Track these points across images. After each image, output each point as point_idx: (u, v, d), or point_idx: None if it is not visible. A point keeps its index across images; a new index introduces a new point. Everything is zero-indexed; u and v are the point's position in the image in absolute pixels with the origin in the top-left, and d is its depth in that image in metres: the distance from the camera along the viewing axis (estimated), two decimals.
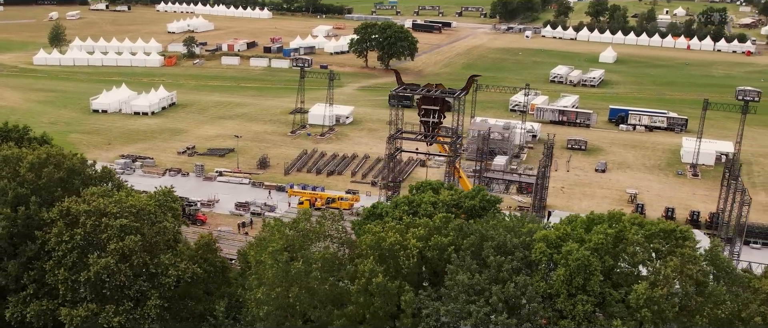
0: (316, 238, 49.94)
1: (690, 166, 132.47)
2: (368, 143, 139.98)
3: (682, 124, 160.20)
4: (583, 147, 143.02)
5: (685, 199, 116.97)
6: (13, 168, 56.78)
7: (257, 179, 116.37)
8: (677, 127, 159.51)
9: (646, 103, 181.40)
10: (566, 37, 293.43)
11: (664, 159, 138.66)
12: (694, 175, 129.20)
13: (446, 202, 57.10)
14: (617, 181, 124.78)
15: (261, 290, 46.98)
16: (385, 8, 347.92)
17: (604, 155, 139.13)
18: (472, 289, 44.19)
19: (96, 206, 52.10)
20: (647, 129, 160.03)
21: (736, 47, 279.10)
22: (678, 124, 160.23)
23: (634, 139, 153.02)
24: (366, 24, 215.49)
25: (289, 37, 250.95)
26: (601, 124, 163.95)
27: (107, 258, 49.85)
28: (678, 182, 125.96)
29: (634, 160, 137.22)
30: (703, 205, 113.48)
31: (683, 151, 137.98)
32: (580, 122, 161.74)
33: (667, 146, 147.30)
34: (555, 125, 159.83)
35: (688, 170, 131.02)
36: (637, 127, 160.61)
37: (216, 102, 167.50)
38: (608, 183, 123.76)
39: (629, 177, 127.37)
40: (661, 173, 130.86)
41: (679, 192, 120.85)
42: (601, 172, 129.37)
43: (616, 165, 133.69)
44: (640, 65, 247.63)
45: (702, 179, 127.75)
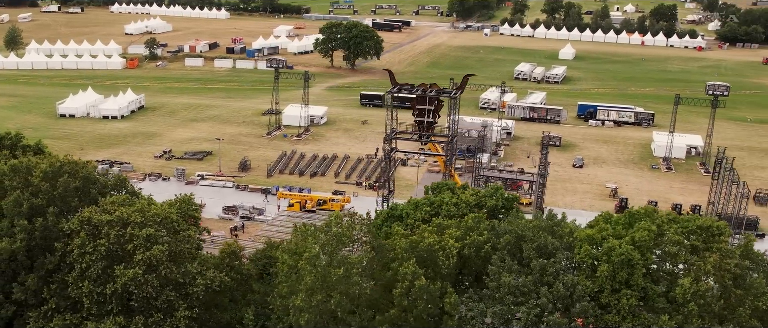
0: (350, 242, 49.29)
1: (663, 159, 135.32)
2: (346, 143, 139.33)
3: (649, 119, 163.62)
4: (558, 143, 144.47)
5: (663, 192, 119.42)
6: (23, 178, 54.64)
7: (241, 182, 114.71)
8: (644, 122, 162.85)
9: (609, 99, 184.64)
10: (524, 34, 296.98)
11: (637, 153, 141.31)
12: (668, 168, 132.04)
13: (469, 202, 57.10)
14: (595, 176, 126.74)
15: (300, 296, 46.15)
16: (342, 7, 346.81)
17: (578, 151, 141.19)
18: (519, 290, 44.27)
19: (119, 215, 50.48)
20: (616, 124, 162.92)
21: (687, 43, 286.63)
22: (645, 119, 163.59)
23: (605, 134, 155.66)
24: (331, 24, 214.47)
25: (249, 37, 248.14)
26: (571, 120, 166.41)
27: (135, 269, 48.33)
28: (653, 175, 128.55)
29: (609, 155, 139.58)
30: (681, 197, 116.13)
31: (655, 145, 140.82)
32: (551, 119, 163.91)
33: (637, 141, 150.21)
34: (526, 122, 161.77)
35: (661, 163, 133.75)
36: (606, 123, 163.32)
37: (185, 104, 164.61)
38: (587, 178, 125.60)
39: (606, 172, 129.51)
40: (636, 167, 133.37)
41: (656, 185, 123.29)
42: (579, 167, 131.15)
43: (592, 160, 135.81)
44: (598, 61, 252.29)
45: (676, 171, 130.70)
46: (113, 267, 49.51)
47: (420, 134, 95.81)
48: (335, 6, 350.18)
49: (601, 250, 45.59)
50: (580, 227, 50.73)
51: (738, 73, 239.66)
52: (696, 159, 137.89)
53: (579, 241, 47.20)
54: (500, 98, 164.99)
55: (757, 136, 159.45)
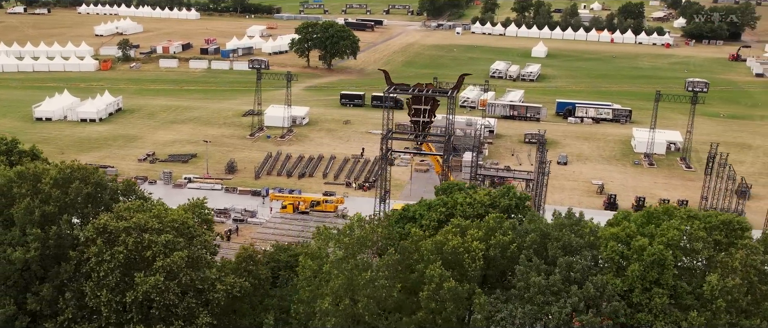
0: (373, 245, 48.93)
1: (644, 155, 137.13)
2: (330, 144, 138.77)
3: (627, 116, 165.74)
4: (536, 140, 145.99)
5: (648, 188, 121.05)
6: (32, 185, 53.17)
7: (229, 184, 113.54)
8: (622, 119, 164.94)
9: (584, 96, 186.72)
10: (495, 33, 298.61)
11: (618, 150, 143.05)
12: (650, 164, 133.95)
13: (483, 202, 57.14)
14: (580, 173, 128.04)
15: (326, 301, 45.67)
16: (312, 7, 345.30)
17: (561, 148, 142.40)
18: (549, 289, 44.40)
19: (136, 221, 49.43)
20: (594, 121, 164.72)
21: (655, 40, 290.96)
22: (623, 115, 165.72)
23: (585, 131, 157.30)
24: (307, 23, 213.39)
25: (222, 37, 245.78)
26: (550, 117, 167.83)
27: (156, 276, 47.35)
28: (637, 171, 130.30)
29: (591, 152, 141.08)
30: (665, 192, 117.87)
31: (635, 141, 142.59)
32: (531, 116, 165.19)
33: (617, 137, 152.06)
34: (506, 120, 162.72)
35: (643, 159, 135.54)
36: (585, 120, 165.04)
37: (163, 106, 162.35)
38: (573, 175, 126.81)
39: (590, 169, 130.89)
40: (619, 163, 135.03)
41: (640, 181, 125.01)
42: (563, 164, 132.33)
43: (575, 157, 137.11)
44: (570, 59, 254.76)
45: (658, 167, 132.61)
46: (131, 275, 48.48)
47: (416, 134, 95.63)
48: (306, 6, 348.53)
49: (630, 249, 45.93)
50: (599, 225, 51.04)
51: (707, 70, 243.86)
52: (676, 155, 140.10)
53: (604, 239, 47.55)
54: (479, 97, 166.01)
55: (731, 131, 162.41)
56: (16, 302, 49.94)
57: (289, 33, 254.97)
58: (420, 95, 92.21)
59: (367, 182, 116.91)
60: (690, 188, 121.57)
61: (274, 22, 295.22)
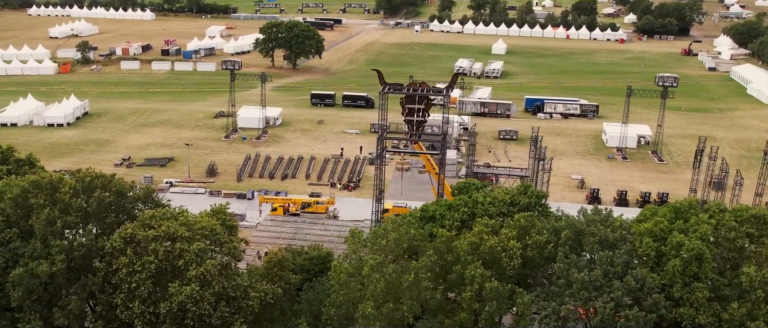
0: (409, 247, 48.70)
1: (617, 149, 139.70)
2: (307, 144, 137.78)
3: (594, 110, 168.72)
4: (515, 137, 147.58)
5: (626, 181, 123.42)
6: (48, 194, 51.32)
7: (212, 188, 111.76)
8: (590, 114, 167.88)
9: (549, 92, 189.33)
10: (453, 30, 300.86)
11: (590, 144, 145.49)
12: (624, 158, 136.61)
13: (504, 201, 57.43)
14: (558, 168, 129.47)
15: (368, 305, 45.27)
16: (268, 6, 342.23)
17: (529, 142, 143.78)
18: (591, 285, 44.89)
19: (165, 230, 48.14)
20: (563, 116, 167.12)
21: (609, 35, 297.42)
22: (590, 110, 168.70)
23: (555, 126, 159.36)
24: (271, 23, 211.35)
25: (181, 38, 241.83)
26: (519, 114, 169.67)
27: (191, 285, 46.20)
28: (612, 165, 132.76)
29: (565, 148, 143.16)
30: (643, 186, 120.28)
31: (607, 136, 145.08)
32: (501, 113, 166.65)
33: (587, 132, 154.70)
34: (477, 117, 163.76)
35: (616, 153, 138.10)
36: (554, 116, 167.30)
37: (131, 109, 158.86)
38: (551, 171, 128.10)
39: (567, 164, 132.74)
40: (593, 157, 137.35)
41: (617, 175, 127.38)
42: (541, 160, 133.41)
43: (551, 153, 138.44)
44: (530, 56, 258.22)
45: (631, 161, 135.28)
46: (163, 285, 47.23)
47: (410, 133, 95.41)
48: (261, 5, 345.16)
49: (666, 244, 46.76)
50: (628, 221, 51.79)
51: (661, 64, 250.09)
52: (646, 148, 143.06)
53: (638, 235, 48.30)
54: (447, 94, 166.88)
55: (694, 124, 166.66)
56: (41, 316, 48.16)
57: (248, 33, 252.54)
58: (414, 95, 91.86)
59: (351, 182, 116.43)
60: (665, 181, 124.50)
61: (232, 22, 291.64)
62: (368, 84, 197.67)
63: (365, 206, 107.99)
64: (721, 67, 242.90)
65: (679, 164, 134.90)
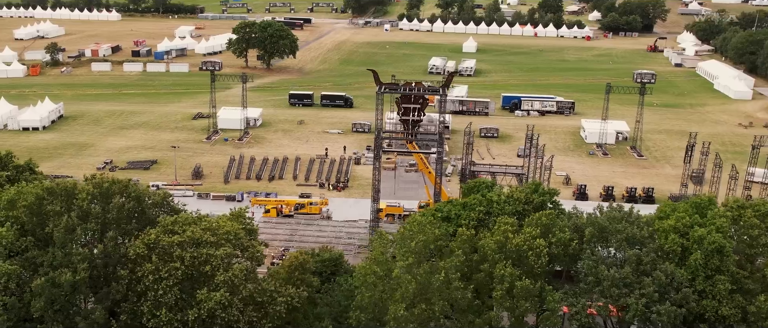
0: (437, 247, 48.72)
1: (597, 145, 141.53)
2: (290, 145, 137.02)
3: (570, 107, 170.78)
4: (495, 134, 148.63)
5: (609, 177, 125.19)
6: (64, 201, 50.10)
7: (201, 190, 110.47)
8: (566, 111, 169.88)
9: (521, 89, 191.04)
10: (423, 29, 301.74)
11: (570, 141, 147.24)
12: (605, 154, 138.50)
13: (520, 199, 57.82)
14: None
15: (399, 306, 45.17)
16: (235, 6, 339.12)
17: (515, 141, 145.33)
18: (622, 281, 45.47)
19: (190, 235, 47.35)
20: (540, 114, 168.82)
21: (576, 33, 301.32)
22: (566, 107, 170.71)
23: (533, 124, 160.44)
24: (244, 23, 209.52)
25: (150, 39, 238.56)
26: (497, 111, 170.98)
27: (220, 291, 45.50)
28: (593, 161, 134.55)
29: (545, 144, 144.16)
30: (627, 181, 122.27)
31: (586, 132, 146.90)
32: (479, 111, 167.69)
33: (565, 129, 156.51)
34: (455, 114, 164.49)
35: (596, 149, 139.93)
36: (531, 113, 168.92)
37: (107, 112, 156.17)
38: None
39: None
40: (574, 154, 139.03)
41: (599, 171, 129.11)
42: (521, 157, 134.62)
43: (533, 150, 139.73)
44: (501, 53, 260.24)
45: (612, 156, 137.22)
46: (189, 292, 46.46)
47: (406, 132, 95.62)
48: (228, 5, 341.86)
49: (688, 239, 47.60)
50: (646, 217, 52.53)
51: (629, 61, 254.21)
52: (625, 144, 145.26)
53: (662, 231, 49.08)
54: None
55: (667, 119, 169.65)
56: (64, 327, 46.94)
57: (217, 33, 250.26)
58: (409, 94, 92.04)
59: (340, 183, 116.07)
60: (647, 176, 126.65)
61: (200, 22, 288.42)
62: (344, 83, 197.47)
63: (355, 206, 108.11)
64: (686, 63, 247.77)
65: (658, 159, 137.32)
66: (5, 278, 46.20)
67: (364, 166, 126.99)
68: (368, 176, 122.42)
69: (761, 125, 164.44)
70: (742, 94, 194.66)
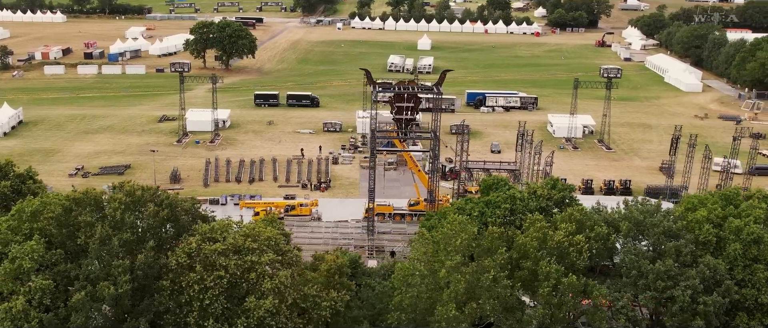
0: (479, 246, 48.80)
1: (566, 140, 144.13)
2: (263, 146, 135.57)
3: (533, 103, 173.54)
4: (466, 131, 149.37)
5: (584, 170, 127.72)
6: (93, 211, 48.34)
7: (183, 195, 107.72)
8: (530, 106, 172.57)
9: (481, 86, 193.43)
10: (375, 27, 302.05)
11: (538, 136, 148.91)
12: (574, 148, 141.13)
13: (544, 196, 58.46)
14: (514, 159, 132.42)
15: (450, 307, 45.14)
16: (183, 6, 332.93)
17: (485, 137, 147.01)
18: (666, 275, 46.42)
19: (233, 242, 46.27)
20: (505, 109, 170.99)
21: (525, 29, 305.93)
22: (529, 102, 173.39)
23: (500, 119, 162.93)
24: (201, 23, 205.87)
25: (100, 40, 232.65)
26: (462, 108, 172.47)
27: (269, 299, 44.60)
28: (565, 155, 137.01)
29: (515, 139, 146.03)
30: (602, 173, 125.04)
31: (555, 127, 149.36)
32: (445, 107, 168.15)
33: (531, 124, 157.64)
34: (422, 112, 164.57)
35: (566, 143, 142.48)
36: (496, 109, 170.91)
37: (68, 116, 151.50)
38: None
39: None
40: (545, 148, 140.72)
41: (573, 164, 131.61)
42: (498, 153, 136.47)
43: (504, 145, 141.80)
44: (455, 50, 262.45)
45: (582, 150, 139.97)
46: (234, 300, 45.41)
47: (399, 131, 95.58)
48: (175, 5, 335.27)
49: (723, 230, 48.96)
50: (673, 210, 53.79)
51: (580, 56, 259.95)
52: (591, 137, 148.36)
53: (696, 222, 50.36)
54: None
55: (627, 113, 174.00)
56: None
57: (167, 33, 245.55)
58: (403, 93, 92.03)
59: (322, 183, 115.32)
60: (619, 168, 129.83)
61: (149, 22, 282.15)
62: (305, 83, 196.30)
63: (342, 205, 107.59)
64: (635, 58, 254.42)
65: (626, 152, 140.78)
66: (39, 294, 44.39)
67: (342, 165, 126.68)
68: (348, 175, 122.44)
69: (716, 117, 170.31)
70: (693, 87, 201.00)
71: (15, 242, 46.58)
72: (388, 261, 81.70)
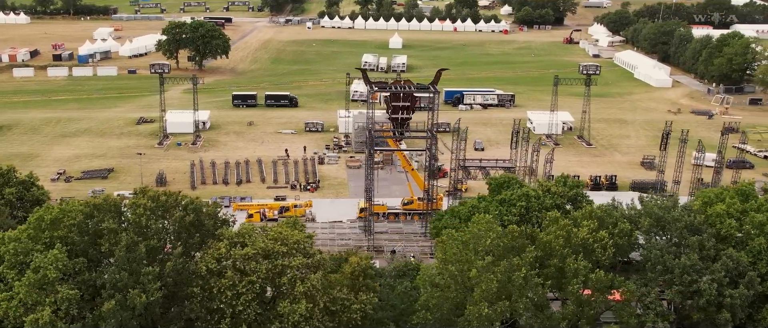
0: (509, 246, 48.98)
1: (547, 136, 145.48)
2: (246, 147, 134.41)
3: (511, 100, 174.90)
4: (447, 129, 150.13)
5: (567, 166, 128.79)
6: (114, 217, 47.31)
7: None
8: (507, 103, 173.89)
9: (456, 84, 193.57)
10: (344, 26, 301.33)
11: None
12: (556, 144, 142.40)
13: (560, 194, 58.97)
14: (500, 156, 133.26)
15: (483, 305, 45.30)
16: (149, 6, 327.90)
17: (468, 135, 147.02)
18: (692, 268, 47.24)
19: (263, 247, 45.70)
20: (483, 107, 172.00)
21: (494, 27, 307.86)
22: (507, 100, 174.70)
23: (479, 117, 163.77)
24: (174, 24, 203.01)
25: (68, 42, 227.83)
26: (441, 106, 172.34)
27: (303, 303, 44.18)
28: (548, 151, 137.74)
29: (496, 137, 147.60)
30: (586, 169, 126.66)
31: (535, 123, 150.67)
32: (423, 106, 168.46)
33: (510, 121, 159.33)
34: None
35: (547, 140, 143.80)
36: (474, 106, 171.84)
37: (43, 119, 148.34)
38: None
39: (505, 152, 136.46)
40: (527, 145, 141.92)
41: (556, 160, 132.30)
42: (481, 150, 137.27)
43: (487, 142, 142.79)
44: (426, 49, 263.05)
45: (563, 146, 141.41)
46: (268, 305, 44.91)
47: (395, 131, 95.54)
48: (141, 5, 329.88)
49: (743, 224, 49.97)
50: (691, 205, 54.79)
51: (549, 53, 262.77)
52: (571, 134, 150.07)
53: (716, 216, 51.31)
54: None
55: (602, 109, 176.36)
56: None
57: (134, 34, 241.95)
58: (398, 93, 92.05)
59: (311, 183, 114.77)
60: (601, 163, 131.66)
61: (115, 23, 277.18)
62: (280, 83, 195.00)
63: (333, 206, 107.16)
64: (603, 54, 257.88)
65: (606, 147, 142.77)
66: (66, 304, 43.37)
67: (329, 165, 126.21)
68: (336, 175, 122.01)
69: (688, 112, 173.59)
70: (663, 83, 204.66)
71: (36, 252, 45.40)
72: (388, 260, 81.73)
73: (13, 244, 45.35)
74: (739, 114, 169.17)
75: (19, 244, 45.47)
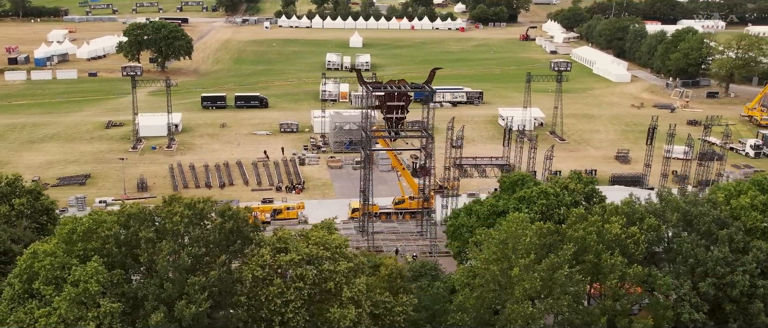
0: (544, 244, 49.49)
1: (519, 132, 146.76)
2: (222, 149, 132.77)
3: (479, 97, 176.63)
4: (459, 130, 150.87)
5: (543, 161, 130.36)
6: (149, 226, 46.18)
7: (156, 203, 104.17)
8: (476, 100, 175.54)
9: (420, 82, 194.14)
10: (302, 25, 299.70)
11: (492, 129, 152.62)
12: (530, 140, 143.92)
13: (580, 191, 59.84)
14: (478, 153, 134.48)
15: (526, 304, 45.77)
16: (100, 7, 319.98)
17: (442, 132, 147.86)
18: (724, 261, 48.54)
19: (308, 252, 45.23)
20: (452, 104, 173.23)
21: (450, 25, 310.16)
22: (476, 97, 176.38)
23: (449, 115, 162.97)
24: (135, 25, 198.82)
25: (21, 44, 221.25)
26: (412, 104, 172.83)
27: (351, 308, 43.92)
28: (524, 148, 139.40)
29: (470, 134, 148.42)
30: (564, 164, 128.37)
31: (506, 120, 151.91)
32: None
33: (481, 118, 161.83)
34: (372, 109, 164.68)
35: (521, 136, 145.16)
36: (443, 104, 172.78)
37: (6, 125, 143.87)
38: None
39: (483, 149, 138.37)
40: (499, 141, 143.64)
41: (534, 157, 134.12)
42: (459, 148, 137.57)
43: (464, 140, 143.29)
44: (387, 47, 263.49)
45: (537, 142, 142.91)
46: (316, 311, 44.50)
47: (389, 130, 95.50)
48: (91, 6, 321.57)
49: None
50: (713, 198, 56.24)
51: (508, 50, 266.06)
52: (543, 129, 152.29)
53: (741, 209, 52.81)
54: (338, 89, 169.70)
55: (568, 104, 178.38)
56: None
57: (88, 36, 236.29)
58: (393, 92, 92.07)
59: (297, 185, 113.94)
60: (577, 158, 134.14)
61: (68, 25, 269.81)
62: (246, 83, 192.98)
63: (321, 207, 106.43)
64: (560, 50, 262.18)
65: (579, 142, 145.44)
66: (109, 319, 42.21)
67: (310, 166, 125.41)
68: (319, 176, 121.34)
69: (650, 106, 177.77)
70: (622, 78, 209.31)
71: (73, 265, 44.00)
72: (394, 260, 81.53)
73: (49, 259, 43.88)
74: (698, 107, 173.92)
75: (56, 258, 44.01)
